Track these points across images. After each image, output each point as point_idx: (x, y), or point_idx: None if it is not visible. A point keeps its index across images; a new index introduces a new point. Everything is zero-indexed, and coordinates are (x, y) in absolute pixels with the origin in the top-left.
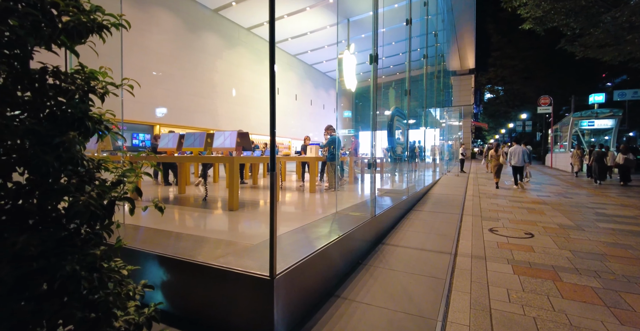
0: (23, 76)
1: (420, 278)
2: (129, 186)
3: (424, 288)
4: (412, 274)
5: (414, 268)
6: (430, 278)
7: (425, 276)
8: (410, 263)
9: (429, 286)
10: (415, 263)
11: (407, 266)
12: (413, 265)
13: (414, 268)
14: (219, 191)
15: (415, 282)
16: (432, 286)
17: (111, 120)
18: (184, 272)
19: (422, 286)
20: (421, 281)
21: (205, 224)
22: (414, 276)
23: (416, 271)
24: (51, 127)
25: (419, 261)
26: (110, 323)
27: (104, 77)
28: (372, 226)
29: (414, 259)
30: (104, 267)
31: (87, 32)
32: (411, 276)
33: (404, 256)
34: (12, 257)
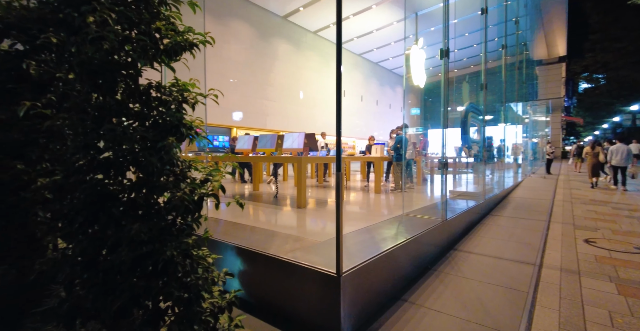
0: (134, 91)
1: (496, 289)
2: (215, 184)
3: (502, 299)
4: (488, 284)
5: (490, 277)
6: (508, 290)
7: (502, 287)
8: (486, 272)
9: (508, 299)
10: (492, 272)
11: (482, 274)
12: (489, 274)
13: (490, 277)
14: (288, 189)
15: (492, 292)
16: (511, 299)
17: (199, 125)
18: (258, 263)
19: (500, 298)
20: (498, 292)
21: (276, 220)
22: (490, 286)
23: (492, 281)
24: (155, 134)
25: (495, 271)
26: (200, 303)
27: (193, 88)
28: (442, 231)
29: (489, 268)
30: (194, 254)
31: (181, 50)
32: (486, 286)
33: (478, 264)
34: (129, 241)
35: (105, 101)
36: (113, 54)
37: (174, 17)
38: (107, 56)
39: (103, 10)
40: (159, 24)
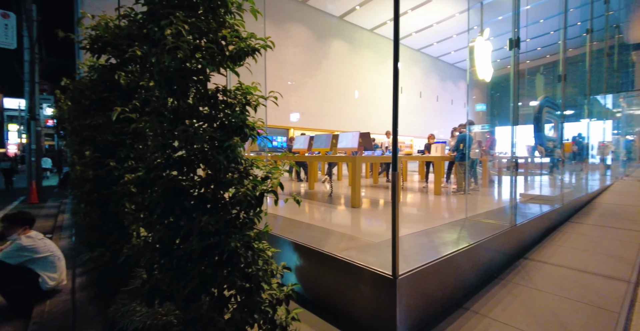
0: (204, 95)
1: (578, 306)
2: (274, 182)
3: (585, 318)
4: (566, 299)
5: (570, 292)
6: (593, 308)
7: (585, 305)
8: (564, 286)
9: (593, 318)
10: (572, 286)
11: (559, 288)
12: (568, 288)
13: (570, 292)
14: (342, 189)
15: (571, 309)
16: (597, 319)
17: (260, 126)
18: (313, 259)
19: (582, 316)
20: (579, 309)
21: (331, 218)
22: (569, 301)
23: (572, 296)
24: (222, 134)
25: (576, 285)
26: (260, 294)
27: (255, 91)
28: (511, 237)
29: (569, 282)
30: (255, 247)
31: (244, 56)
32: (564, 301)
33: (554, 276)
34: (199, 232)
35: (179, 105)
36: (186, 62)
37: (238, 24)
38: (181, 64)
39: (178, 22)
40: (225, 32)
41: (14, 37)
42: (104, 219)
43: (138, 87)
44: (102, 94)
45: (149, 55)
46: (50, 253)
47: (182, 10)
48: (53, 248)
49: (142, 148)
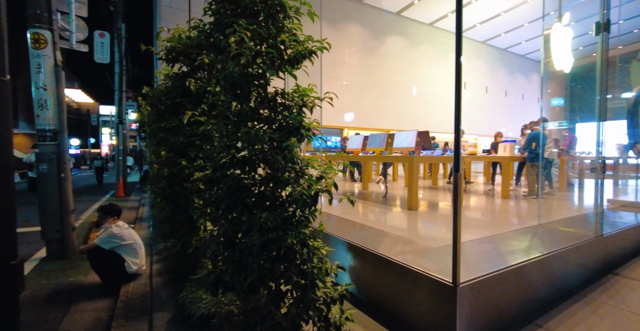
0: (264, 98)
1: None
2: (329, 181)
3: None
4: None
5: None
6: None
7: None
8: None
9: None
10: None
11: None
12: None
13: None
14: (398, 190)
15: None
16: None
17: (315, 127)
18: (367, 260)
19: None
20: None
21: (385, 220)
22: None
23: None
24: (280, 135)
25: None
26: (315, 291)
27: (311, 93)
28: (595, 249)
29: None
30: (310, 245)
31: (302, 59)
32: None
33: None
34: (258, 227)
35: (242, 108)
36: (248, 67)
37: (296, 28)
38: (243, 69)
39: (241, 30)
40: (283, 36)
41: (108, 53)
42: (176, 213)
43: (206, 92)
44: (175, 99)
45: (216, 62)
46: (133, 241)
47: (245, 18)
48: (135, 236)
49: (210, 149)
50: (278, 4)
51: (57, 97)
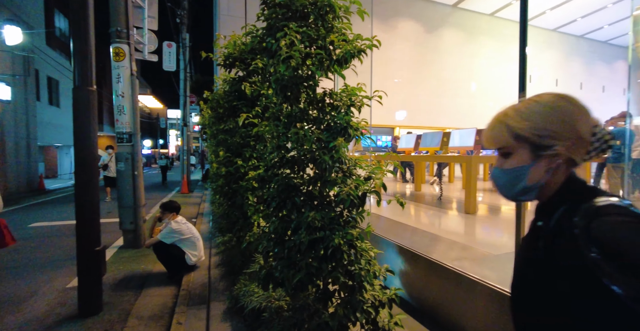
0: (313, 99)
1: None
2: (377, 182)
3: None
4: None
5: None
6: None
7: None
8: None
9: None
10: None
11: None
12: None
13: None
14: (454, 192)
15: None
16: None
17: (364, 126)
18: (419, 265)
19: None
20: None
21: (440, 224)
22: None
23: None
24: (328, 135)
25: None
26: (362, 293)
27: (360, 92)
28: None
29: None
30: (358, 246)
31: (350, 58)
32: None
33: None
34: (307, 226)
35: (292, 110)
36: (298, 70)
37: (346, 27)
38: (293, 72)
39: (291, 33)
40: (332, 36)
41: (174, 62)
42: (232, 209)
43: (260, 95)
44: (232, 102)
45: (268, 66)
46: (192, 235)
47: (295, 21)
48: (194, 230)
49: (263, 149)
50: (328, 4)
51: (132, 104)
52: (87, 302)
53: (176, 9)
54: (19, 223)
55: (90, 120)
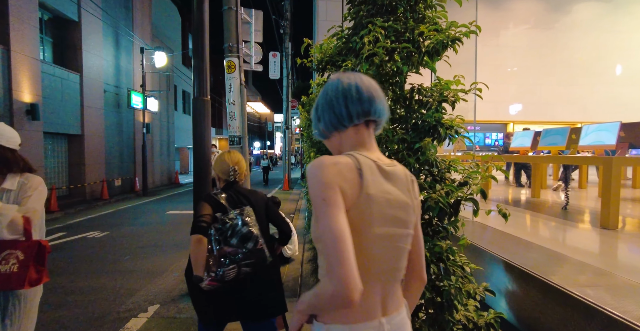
0: (399, 97)
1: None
2: (474, 188)
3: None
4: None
5: None
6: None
7: None
8: None
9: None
10: None
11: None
12: None
13: None
14: (586, 201)
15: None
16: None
17: (461, 123)
18: (532, 288)
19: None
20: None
21: (564, 239)
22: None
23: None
24: (414, 135)
25: None
26: (452, 312)
27: (458, 85)
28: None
29: None
30: (449, 259)
31: (442, 49)
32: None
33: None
34: None
35: None
36: (382, 67)
37: (440, 16)
38: (377, 69)
39: (375, 29)
40: (422, 27)
41: (278, 70)
42: None
43: None
44: None
45: (355, 66)
46: None
47: (382, 16)
48: (290, 225)
49: None
50: None
51: (241, 110)
52: None
53: (280, 20)
54: (160, 210)
55: (205, 125)
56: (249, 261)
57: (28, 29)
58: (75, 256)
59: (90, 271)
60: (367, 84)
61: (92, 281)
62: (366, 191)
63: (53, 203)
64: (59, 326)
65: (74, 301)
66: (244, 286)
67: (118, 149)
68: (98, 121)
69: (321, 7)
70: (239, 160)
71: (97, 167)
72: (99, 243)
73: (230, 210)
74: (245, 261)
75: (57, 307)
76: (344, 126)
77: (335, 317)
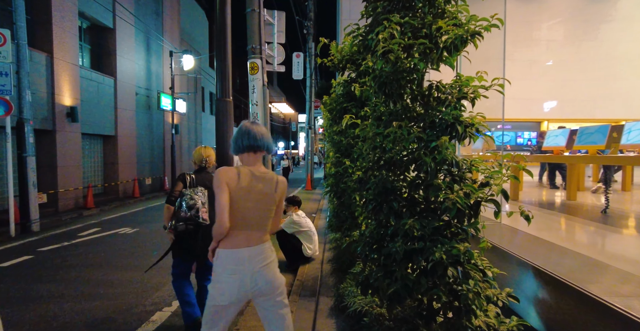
0: (417, 94)
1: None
2: (495, 189)
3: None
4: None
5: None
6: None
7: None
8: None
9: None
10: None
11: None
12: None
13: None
14: (630, 204)
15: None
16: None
17: (482, 121)
18: (566, 297)
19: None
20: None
21: (604, 245)
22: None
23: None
24: (430, 134)
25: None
26: (470, 318)
27: (480, 81)
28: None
29: None
30: (468, 262)
31: (462, 44)
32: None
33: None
34: (403, 234)
35: (394, 107)
36: (399, 64)
37: (462, 11)
38: (393, 67)
39: (391, 25)
40: (441, 22)
41: (302, 71)
42: (341, 208)
43: (369, 95)
44: (343, 104)
45: (372, 64)
46: (308, 228)
47: (399, 12)
48: (310, 225)
49: (360, 150)
50: None
51: (264, 111)
52: None
53: (303, 20)
54: None
55: (228, 124)
56: (191, 221)
57: (69, 37)
58: (108, 250)
59: (121, 265)
60: (257, 129)
61: (122, 275)
62: (241, 184)
63: (89, 200)
64: (90, 317)
65: (105, 294)
66: (196, 238)
67: (149, 150)
68: (130, 122)
69: (345, 6)
70: (209, 154)
71: (129, 166)
72: (129, 238)
73: (189, 188)
74: (189, 221)
75: (90, 298)
76: (241, 152)
77: (223, 244)
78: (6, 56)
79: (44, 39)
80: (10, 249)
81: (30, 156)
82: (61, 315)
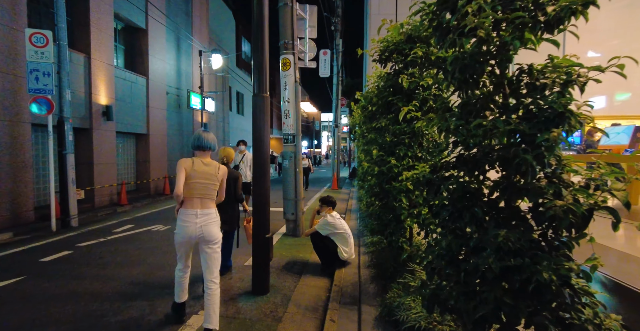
0: (503, 80)
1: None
2: (619, 194)
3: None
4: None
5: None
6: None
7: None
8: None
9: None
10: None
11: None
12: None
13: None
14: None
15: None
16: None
17: (583, 115)
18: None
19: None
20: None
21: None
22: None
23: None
24: (530, 126)
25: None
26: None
27: (569, 64)
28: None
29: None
30: (578, 285)
31: (568, 15)
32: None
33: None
34: (496, 248)
35: (471, 96)
36: (484, 44)
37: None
38: (480, 46)
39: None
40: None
41: (328, 68)
42: (384, 210)
43: (417, 87)
44: (387, 98)
45: (435, 49)
46: (344, 230)
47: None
48: (346, 226)
49: (418, 147)
50: None
51: (295, 108)
52: (258, 283)
53: (331, 16)
54: None
55: (264, 122)
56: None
57: (105, 38)
58: (142, 247)
59: (155, 264)
60: (205, 135)
61: (158, 274)
62: (194, 168)
63: (123, 196)
64: (128, 317)
65: (141, 293)
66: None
67: (179, 148)
68: (161, 121)
69: (374, 1)
70: (227, 153)
71: (160, 164)
72: (162, 236)
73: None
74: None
75: (128, 298)
76: (195, 150)
77: (183, 206)
78: (48, 56)
79: (82, 40)
80: (51, 243)
81: (70, 153)
82: (98, 313)
